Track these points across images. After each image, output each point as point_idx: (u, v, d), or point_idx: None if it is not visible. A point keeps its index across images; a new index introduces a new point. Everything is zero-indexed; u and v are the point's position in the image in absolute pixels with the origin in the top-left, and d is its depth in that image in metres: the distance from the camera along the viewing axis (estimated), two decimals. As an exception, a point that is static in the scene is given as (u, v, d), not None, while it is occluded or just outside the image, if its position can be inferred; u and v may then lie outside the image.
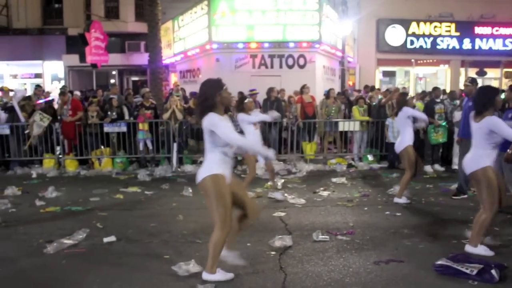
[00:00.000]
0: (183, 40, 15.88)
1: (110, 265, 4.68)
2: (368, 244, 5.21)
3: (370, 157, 10.93)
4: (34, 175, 9.92)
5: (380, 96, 12.03)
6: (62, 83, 19.79)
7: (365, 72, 19.58)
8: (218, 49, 13.73)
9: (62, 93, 11.24)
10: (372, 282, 4.19)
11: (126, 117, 10.71)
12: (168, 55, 16.86)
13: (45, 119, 10.44)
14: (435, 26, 19.83)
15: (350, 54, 18.21)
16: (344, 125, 11.10)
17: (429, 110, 9.70)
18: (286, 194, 7.67)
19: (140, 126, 10.43)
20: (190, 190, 7.92)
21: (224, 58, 13.78)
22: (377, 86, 17.27)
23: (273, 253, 4.94)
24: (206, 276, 4.17)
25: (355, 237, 5.46)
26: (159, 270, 4.49)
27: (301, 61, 13.77)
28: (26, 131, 10.52)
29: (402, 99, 7.37)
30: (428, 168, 9.73)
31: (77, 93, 12.28)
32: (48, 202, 7.46)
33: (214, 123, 3.96)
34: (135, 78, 21.12)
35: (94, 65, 15.63)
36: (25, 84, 21.26)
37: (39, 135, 10.54)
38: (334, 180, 8.95)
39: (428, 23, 19.73)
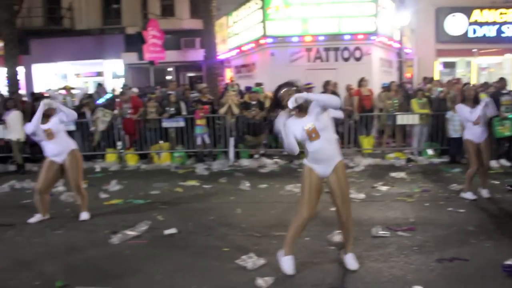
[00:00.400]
0: (238, 35, 16.00)
1: (172, 256, 4.81)
2: (430, 241, 5.05)
3: (430, 152, 10.57)
4: (97, 169, 10.36)
5: (439, 88, 11.61)
6: (122, 80, 20.45)
7: (424, 64, 18.91)
8: (273, 43, 13.74)
9: (122, 92, 11.65)
10: (435, 281, 4.06)
11: (184, 112, 10.94)
12: (223, 51, 17.05)
13: (108, 114, 10.87)
14: (501, 13, 18.81)
15: (408, 45, 17.67)
16: (402, 119, 10.81)
17: (494, 101, 9.25)
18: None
19: (198, 121, 10.63)
20: (248, 184, 8.00)
21: (279, 52, 13.77)
22: (436, 78, 16.67)
23: (332, 248, 4.90)
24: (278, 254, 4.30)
25: (416, 234, 5.32)
26: (219, 262, 4.57)
27: (357, 54, 13.53)
28: (92, 128, 10.98)
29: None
30: (493, 163, 9.30)
31: (135, 89, 12.64)
32: (111, 195, 7.77)
33: None
34: (191, 74, 21.50)
35: (151, 62, 16.06)
36: (87, 82, 22.17)
37: (102, 131, 10.98)
38: (392, 174, 8.75)
39: (492, 10, 18.76)
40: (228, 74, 19.05)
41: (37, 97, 12.60)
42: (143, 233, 5.56)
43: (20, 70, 17.03)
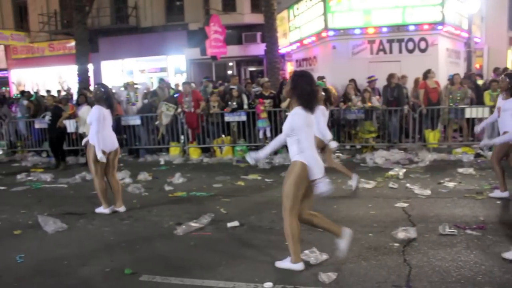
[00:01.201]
0: (299, 28, 15.89)
1: (235, 249, 4.89)
2: (502, 241, 4.78)
3: (501, 146, 10.03)
4: (162, 162, 10.69)
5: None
6: (185, 75, 20.94)
7: (495, 53, 17.98)
8: (335, 36, 13.53)
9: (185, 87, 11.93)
10: (510, 283, 3.85)
11: (245, 106, 11.04)
12: (284, 45, 17.00)
13: (171, 108, 11.19)
14: None
15: (477, 34, 16.84)
16: (471, 112, 10.33)
17: None
18: (408, 184, 7.38)
19: (261, 114, 10.70)
20: (309, 179, 7.95)
21: (341, 45, 13.55)
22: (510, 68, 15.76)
23: (396, 244, 4.78)
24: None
25: (487, 233, 5.07)
26: (281, 255, 4.58)
27: (422, 45, 13.05)
28: (156, 122, 11.34)
29: None
30: None
31: (193, 84, 12.90)
32: (175, 187, 8.00)
33: None
34: (252, 69, 21.63)
35: (213, 57, 16.33)
36: (151, 78, 22.87)
37: (166, 125, 11.31)
38: (460, 170, 8.39)
39: None
40: (289, 68, 19.00)
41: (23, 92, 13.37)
42: (207, 225, 5.69)
43: (90, 67, 17.88)
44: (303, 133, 4.08)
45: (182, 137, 11.41)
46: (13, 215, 6.65)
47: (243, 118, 10.92)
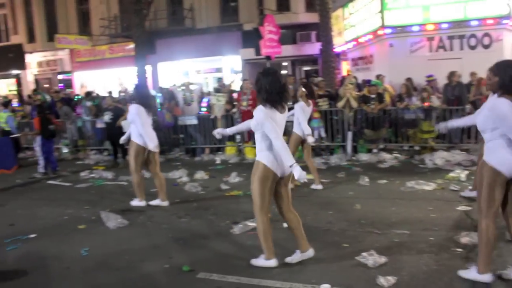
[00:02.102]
0: (354, 27, 15.65)
1: (291, 249, 4.83)
2: None
3: None
4: (218, 161, 10.82)
5: None
6: (240, 76, 21.11)
7: None
8: (392, 33, 13.22)
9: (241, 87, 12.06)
10: None
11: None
12: (339, 43, 16.80)
13: (221, 97, 11.35)
14: None
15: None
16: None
17: None
18: (470, 187, 7.08)
19: (314, 114, 10.59)
20: (367, 179, 7.82)
21: (398, 42, 13.22)
22: None
23: (459, 250, 4.59)
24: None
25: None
26: (338, 258, 4.53)
27: (486, 41, 12.50)
28: (212, 116, 11.51)
29: None
30: None
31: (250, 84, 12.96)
32: (231, 187, 8.08)
33: None
34: (307, 68, 21.51)
35: (268, 57, 16.30)
36: (207, 78, 23.22)
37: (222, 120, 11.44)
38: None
39: None
40: (345, 67, 18.74)
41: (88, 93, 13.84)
42: (263, 224, 5.69)
43: (148, 69, 18.40)
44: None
45: (238, 136, 11.50)
46: (77, 211, 6.95)
47: (299, 117, 10.84)
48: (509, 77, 3.61)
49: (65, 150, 13.20)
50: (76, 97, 16.99)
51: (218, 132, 5.00)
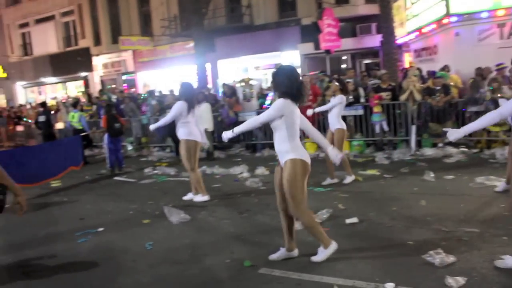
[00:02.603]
0: (417, 17, 15.08)
1: (353, 246, 4.74)
2: None
3: None
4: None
5: None
6: (299, 70, 20.96)
7: None
8: (458, 22, 12.60)
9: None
10: None
11: (362, 100, 10.74)
12: (401, 35, 16.25)
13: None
14: None
15: None
16: None
17: None
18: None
19: (374, 108, 10.33)
20: (432, 175, 7.51)
21: (465, 31, 12.58)
22: None
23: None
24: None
25: None
26: (403, 256, 4.36)
27: None
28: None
29: None
30: None
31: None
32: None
33: None
34: (368, 61, 21.00)
35: (327, 51, 16.09)
36: (266, 74, 23.23)
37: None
38: None
39: None
40: (407, 58, 18.15)
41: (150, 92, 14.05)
42: (325, 220, 5.61)
43: (208, 66, 18.67)
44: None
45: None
46: (142, 206, 7.17)
47: (360, 112, 10.62)
48: None
49: (129, 147, 13.68)
50: (142, 95, 17.49)
51: (227, 137, 4.60)
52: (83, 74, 27.99)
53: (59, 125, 14.95)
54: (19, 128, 18.65)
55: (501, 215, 5.38)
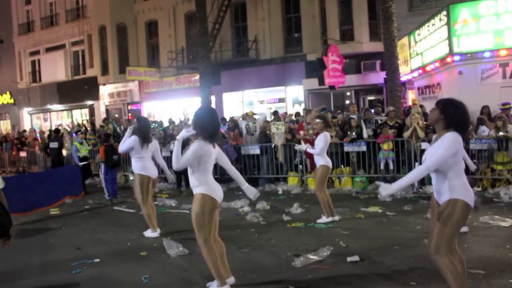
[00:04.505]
0: (421, 55, 15.22)
1: (354, 285, 4.62)
2: None
3: None
4: (280, 192, 10.70)
5: None
6: (302, 105, 21.06)
7: None
8: (461, 61, 12.68)
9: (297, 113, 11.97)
10: None
11: (365, 136, 10.72)
12: (404, 72, 16.38)
13: (280, 125, 11.28)
14: None
15: None
16: None
17: None
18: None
19: (384, 146, 10.30)
20: (435, 213, 7.38)
21: (468, 70, 12.65)
22: None
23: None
24: None
25: None
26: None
27: None
28: (273, 145, 11.49)
29: None
30: None
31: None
32: (293, 218, 7.91)
33: None
34: (371, 97, 21.13)
35: (332, 87, 16.23)
36: (270, 108, 23.37)
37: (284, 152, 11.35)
38: None
39: None
40: (410, 96, 18.24)
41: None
42: (325, 258, 5.49)
43: (212, 99, 18.79)
44: None
45: (300, 166, 11.37)
46: (140, 237, 7.06)
47: (363, 148, 10.60)
48: None
49: (132, 177, 13.60)
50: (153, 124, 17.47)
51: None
52: (89, 102, 28.23)
53: (64, 152, 14.98)
54: (22, 153, 18.68)
55: (507, 257, 5.26)
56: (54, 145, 12.84)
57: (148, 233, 7.15)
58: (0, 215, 3.35)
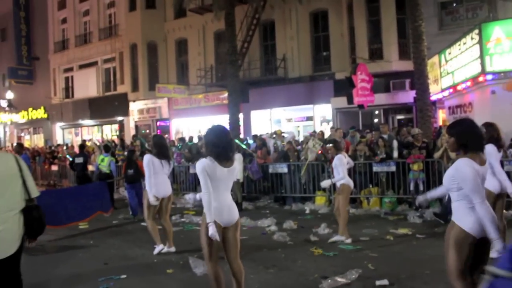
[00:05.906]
0: (451, 74, 14.98)
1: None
2: None
3: None
4: (307, 211, 10.60)
5: None
6: (330, 124, 20.96)
7: None
8: (493, 80, 12.42)
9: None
10: None
11: (395, 155, 10.56)
12: (435, 91, 16.13)
13: (317, 145, 11.21)
14: None
15: None
16: None
17: None
18: None
19: (414, 166, 10.13)
20: (468, 237, 7.17)
21: (501, 89, 12.38)
22: None
23: None
24: None
25: None
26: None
27: None
28: (302, 157, 11.41)
29: None
30: None
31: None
32: (320, 238, 7.79)
33: None
34: (400, 117, 20.87)
35: (360, 106, 16.10)
36: (298, 126, 23.32)
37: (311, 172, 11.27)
38: None
39: None
40: (441, 115, 17.93)
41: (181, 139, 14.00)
42: (353, 281, 5.37)
43: (240, 117, 18.88)
44: None
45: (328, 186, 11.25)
46: (167, 254, 7.06)
47: (393, 168, 10.43)
48: None
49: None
50: (179, 145, 17.51)
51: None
52: (119, 118, 28.75)
53: (91, 167, 15.19)
54: (54, 167, 19.09)
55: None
56: (79, 160, 13.01)
57: (157, 249, 7.19)
58: (35, 221, 3.50)
